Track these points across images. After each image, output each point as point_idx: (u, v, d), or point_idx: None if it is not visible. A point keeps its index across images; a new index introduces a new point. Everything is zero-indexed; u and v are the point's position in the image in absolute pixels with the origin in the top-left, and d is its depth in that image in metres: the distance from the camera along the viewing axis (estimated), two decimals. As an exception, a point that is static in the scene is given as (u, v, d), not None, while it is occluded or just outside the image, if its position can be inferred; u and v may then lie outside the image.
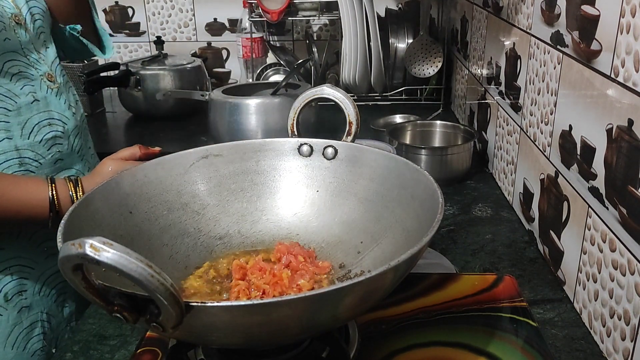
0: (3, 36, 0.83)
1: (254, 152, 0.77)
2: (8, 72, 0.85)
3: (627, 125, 0.65)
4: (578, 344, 0.73)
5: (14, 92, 0.85)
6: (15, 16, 0.87)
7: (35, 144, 0.87)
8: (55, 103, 0.91)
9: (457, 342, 0.65)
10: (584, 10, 0.76)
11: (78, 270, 0.41)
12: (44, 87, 0.90)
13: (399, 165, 0.69)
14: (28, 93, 0.87)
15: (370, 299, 0.52)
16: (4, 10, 0.85)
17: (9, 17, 0.85)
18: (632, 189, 0.64)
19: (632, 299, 0.65)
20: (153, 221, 0.69)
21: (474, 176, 1.23)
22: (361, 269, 0.67)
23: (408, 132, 1.33)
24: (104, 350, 0.72)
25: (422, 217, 0.62)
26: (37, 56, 0.90)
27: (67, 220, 0.56)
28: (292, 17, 1.67)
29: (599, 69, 0.72)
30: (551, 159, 0.89)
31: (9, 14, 0.86)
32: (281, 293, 0.63)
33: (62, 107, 0.92)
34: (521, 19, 1.04)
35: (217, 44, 2.00)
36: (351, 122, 0.75)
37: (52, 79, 0.92)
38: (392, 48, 1.68)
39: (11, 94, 0.85)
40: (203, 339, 0.54)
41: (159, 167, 0.72)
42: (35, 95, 0.88)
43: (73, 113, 0.95)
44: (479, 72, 1.35)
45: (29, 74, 0.88)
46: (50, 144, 0.89)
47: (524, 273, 0.88)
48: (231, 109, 1.24)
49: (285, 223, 0.75)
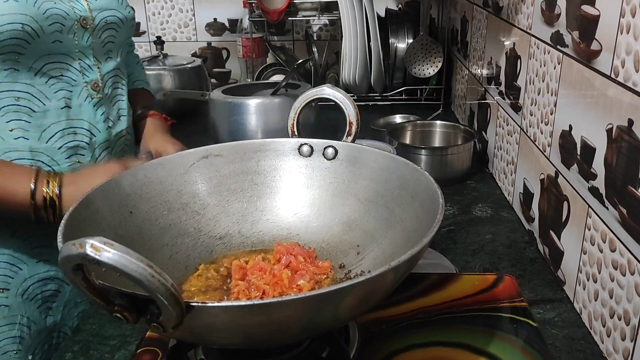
0: (54, 38, 0.82)
1: (254, 152, 0.77)
2: (47, 73, 0.83)
3: (627, 125, 0.65)
4: (578, 344, 0.73)
5: (45, 94, 0.84)
6: (84, 19, 0.86)
7: (53, 149, 0.85)
8: (90, 113, 0.89)
9: (457, 342, 0.65)
10: (584, 10, 0.76)
11: (78, 270, 0.42)
12: (84, 95, 0.88)
13: (399, 165, 0.69)
14: (61, 98, 0.85)
15: (370, 299, 0.52)
16: (73, 11, 0.84)
17: (75, 19, 0.84)
18: (632, 189, 0.64)
19: (632, 299, 0.65)
20: (153, 221, 0.69)
21: (474, 176, 1.23)
22: (361, 269, 0.67)
23: (408, 132, 1.33)
24: (104, 350, 0.72)
25: (422, 217, 0.62)
26: (92, 62, 0.89)
27: (67, 220, 0.56)
28: (292, 17, 1.67)
29: (599, 69, 0.72)
30: (551, 159, 0.89)
31: (77, 16, 0.85)
32: (281, 293, 0.63)
33: (96, 118, 0.90)
34: (521, 19, 1.04)
35: (217, 44, 2.00)
36: (351, 123, 0.75)
37: (97, 89, 0.90)
38: (392, 48, 1.68)
39: (42, 95, 0.83)
40: (203, 339, 0.54)
41: (159, 167, 0.72)
42: (69, 101, 0.86)
43: (108, 127, 0.92)
44: (479, 72, 1.35)
45: (71, 79, 0.86)
46: (70, 153, 0.87)
47: (524, 273, 0.88)
48: (231, 109, 1.24)
49: (285, 223, 0.75)
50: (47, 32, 0.81)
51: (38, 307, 0.89)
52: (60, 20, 0.82)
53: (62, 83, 0.85)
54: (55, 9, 0.82)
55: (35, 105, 0.83)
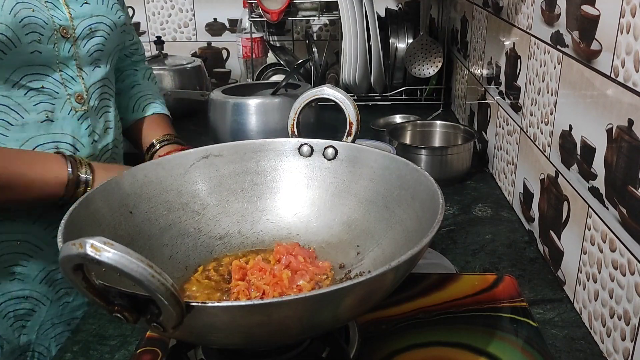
0: (33, 48, 0.78)
1: (254, 152, 0.77)
2: (26, 85, 0.79)
3: (627, 125, 0.65)
4: (578, 344, 0.73)
5: (24, 106, 0.80)
6: (64, 29, 0.82)
7: None
8: (74, 127, 0.85)
9: (457, 342, 0.65)
10: (584, 10, 0.76)
11: (79, 270, 0.42)
12: (67, 108, 0.84)
13: (399, 165, 0.69)
14: (42, 111, 0.81)
15: (370, 299, 0.52)
16: (52, 20, 0.80)
17: (54, 29, 0.80)
18: (632, 189, 0.64)
19: (632, 299, 0.65)
20: (153, 221, 0.69)
21: (474, 176, 1.23)
22: (361, 270, 0.67)
23: (408, 132, 1.33)
24: (104, 350, 0.72)
25: (422, 217, 0.62)
26: (74, 73, 0.85)
27: (67, 220, 0.56)
28: (292, 17, 1.67)
29: (599, 69, 0.72)
30: (551, 159, 0.89)
31: (57, 26, 0.81)
32: (281, 293, 0.63)
33: (81, 132, 0.86)
34: (521, 19, 1.04)
35: (217, 44, 2.00)
36: (351, 123, 0.75)
37: (82, 101, 0.85)
38: (392, 48, 1.68)
39: (20, 108, 0.79)
40: (203, 339, 0.54)
41: (159, 167, 0.72)
42: (51, 114, 0.82)
43: (94, 141, 0.88)
44: (479, 72, 1.35)
45: (53, 91, 0.82)
46: None
47: (524, 273, 0.88)
48: (231, 109, 1.24)
49: (285, 223, 0.75)
50: (25, 42, 0.77)
51: (11, 326, 0.86)
52: (38, 29, 0.78)
53: (43, 95, 0.81)
54: (33, 17, 0.77)
55: (12, 118, 0.79)
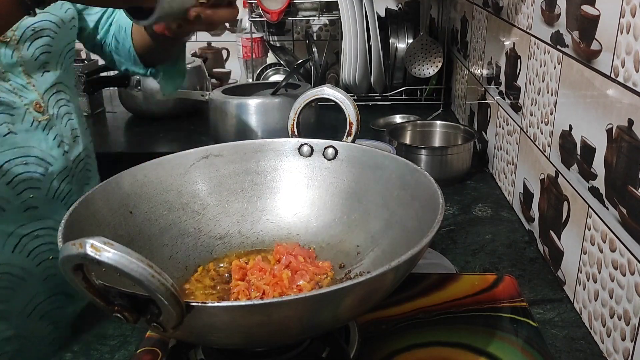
0: None
1: (255, 152, 0.77)
2: None
3: (627, 125, 0.65)
4: (578, 344, 0.73)
5: None
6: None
7: (1, 184, 0.73)
8: (39, 139, 0.78)
9: (457, 342, 0.65)
10: (584, 10, 0.76)
11: (78, 270, 0.42)
12: (28, 119, 0.77)
13: (399, 165, 0.69)
14: (2, 124, 0.74)
15: (370, 299, 0.52)
16: None
17: None
18: (632, 189, 0.64)
19: (632, 299, 0.65)
20: (153, 221, 0.69)
21: (474, 176, 1.23)
22: (361, 270, 0.67)
23: (408, 132, 1.33)
24: (104, 350, 0.72)
25: (422, 217, 0.62)
26: (24, 81, 0.77)
27: (67, 220, 0.56)
28: (292, 17, 1.67)
29: (599, 69, 0.72)
30: (551, 159, 0.89)
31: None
32: (281, 294, 0.63)
33: (48, 144, 0.79)
34: (521, 19, 1.04)
35: (217, 44, 2.00)
36: (351, 123, 0.75)
37: (41, 110, 0.78)
38: (392, 48, 1.68)
39: None
40: (203, 339, 0.54)
41: (159, 167, 0.72)
42: (12, 127, 0.75)
43: (64, 152, 0.81)
44: (479, 72, 1.35)
45: (9, 102, 0.75)
46: (21, 188, 0.75)
47: (524, 273, 0.88)
48: (231, 109, 1.25)
49: (285, 223, 0.75)
50: None
51: None
52: None
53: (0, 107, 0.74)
54: None
55: None
